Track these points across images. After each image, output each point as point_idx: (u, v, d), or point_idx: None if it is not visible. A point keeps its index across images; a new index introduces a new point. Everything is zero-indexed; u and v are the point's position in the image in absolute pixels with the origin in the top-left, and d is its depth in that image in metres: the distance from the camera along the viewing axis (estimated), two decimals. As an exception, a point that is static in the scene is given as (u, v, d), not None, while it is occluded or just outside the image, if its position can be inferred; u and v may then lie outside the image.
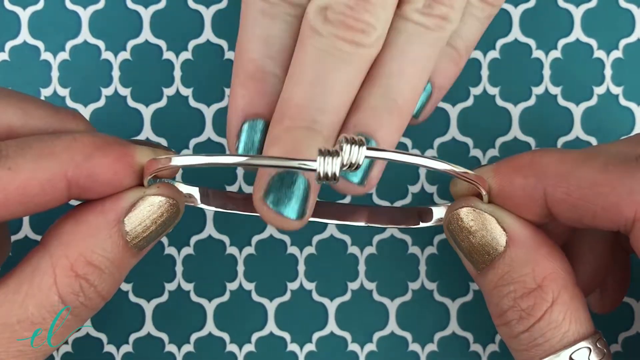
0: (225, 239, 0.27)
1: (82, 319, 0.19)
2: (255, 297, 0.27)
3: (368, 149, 0.18)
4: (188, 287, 0.27)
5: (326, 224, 0.27)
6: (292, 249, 0.27)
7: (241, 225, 0.27)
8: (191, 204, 0.22)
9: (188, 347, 0.27)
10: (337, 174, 0.18)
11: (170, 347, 0.27)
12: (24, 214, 0.19)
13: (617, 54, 0.27)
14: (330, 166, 0.17)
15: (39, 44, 0.28)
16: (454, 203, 0.21)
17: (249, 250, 0.27)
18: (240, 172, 0.27)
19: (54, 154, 0.18)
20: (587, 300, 0.25)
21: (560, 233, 0.23)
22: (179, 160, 0.19)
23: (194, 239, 0.27)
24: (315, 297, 0.27)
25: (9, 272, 0.19)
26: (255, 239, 0.27)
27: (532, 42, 0.28)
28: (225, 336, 0.27)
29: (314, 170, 0.18)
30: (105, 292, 0.19)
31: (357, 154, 0.18)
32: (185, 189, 0.22)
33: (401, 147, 0.27)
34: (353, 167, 0.18)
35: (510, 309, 0.20)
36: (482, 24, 0.23)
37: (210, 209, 0.23)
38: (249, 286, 0.27)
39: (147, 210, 0.20)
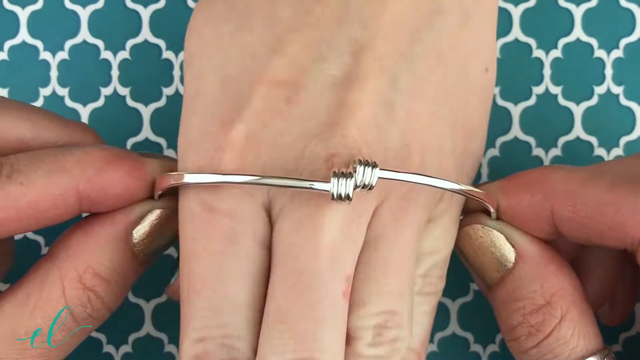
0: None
1: (86, 331, 0.20)
2: (254, 297, 0.27)
3: (381, 169, 0.18)
4: (187, 287, 0.27)
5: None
6: (292, 249, 0.27)
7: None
8: None
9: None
10: (351, 194, 0.18)
11: (170, 347, 0.27)
12: (35, 228, 0.19)
13: (617, 53, 0.27)
14: (344, 187, 0.18)
15: (38, 44, 0.28)
16: (463, 219, 0.21)
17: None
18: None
19: (65, 169, 0.19)
20: (596, 312, 0.26)
21: (569, 249, 0.23)
22: (191, 178, 0.19)
23: (193, 239, 0.27)
24: (315, 297, 0.27)
25: (16, 283, 0.19)
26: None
27: (532, 42, 0.27)
28: (225, 336, 0.27)
29: (328, 191, 0.18)
30: (111, 303, 0.20)
31: (371, 176, 0.18)
32: None
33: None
34: (366, 188, 0.18)
35: (519, 325, 0.20)
36: (431, 314, 0.22)
37: None
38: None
39: (156, 223, 0.20)
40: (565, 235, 0.20)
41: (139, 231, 0.20)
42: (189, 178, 0.19)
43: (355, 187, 0.18)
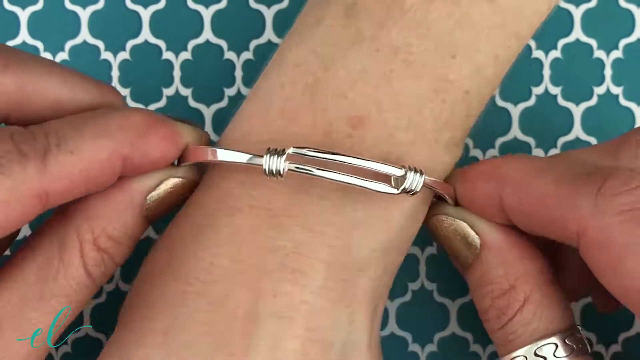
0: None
1: (99, 287, 0.20)
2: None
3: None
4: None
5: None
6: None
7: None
8: None
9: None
10: (282, 171, 0.19)
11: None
12: (81, 195, 0.19)
13: (617, 54, 0.27)
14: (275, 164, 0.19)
15: (38, 44, 0.28)
16: (430, 208, 0.22)
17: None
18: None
19: (109, 134, 0.19)
20: (592, 300, 0.25)
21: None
22: (224, 155, 0.20)
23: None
24: (315, 297, 0.27)
25: (28, 242, 0.20)
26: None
27: (532, 42, 0.28)
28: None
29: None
30: (121, 261, 0.21)
31: (417, 181, 0.19)
32: None
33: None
34: (410, 192, 0.20)
35: (489, 308, 0.21)
36: None
37: None
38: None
39: (170, 190, 0.20)
40: (515, 224, 0.21)
41: (153, 197, 0.20)
42: (222, 156, 0.20)
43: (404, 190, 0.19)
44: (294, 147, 0.19)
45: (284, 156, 0.19)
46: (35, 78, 0.20)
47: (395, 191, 0.20)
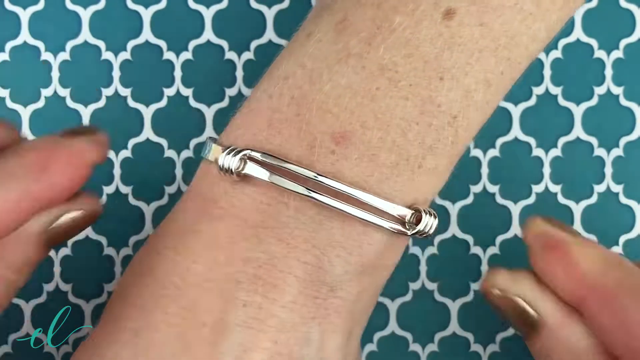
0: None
1: (4, 307, 0.20)
2: (255, 297, 0.27)
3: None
4: (188, 287, 0.27)
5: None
6: (293, 249, 0.27)
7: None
8: None
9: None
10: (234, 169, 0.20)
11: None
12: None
13: (617, 54, 0.27)
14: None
15: (39, 44, 0.28)
16: (486, 276, 0.21)
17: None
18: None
19: (13, 175, 0.18)
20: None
21: None
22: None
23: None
24: (316, 297, 0.27)
25: None
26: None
27: (532, 42, 0.28)
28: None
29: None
30: (21, 284, 0.20)
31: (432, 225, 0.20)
32: None
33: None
34: (423, 235, 0.20)
35: None
36: None
37: None
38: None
39: (68, 225, 0.20)
40: (588, 324, 0.20)
41: (53, 229, 0.20)
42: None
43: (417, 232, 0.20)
44: (249, 150, 0.19)
45: (239, 155, 0.19)
46: None
47: (407, 232, 0.20)
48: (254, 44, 0.28)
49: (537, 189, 0.27)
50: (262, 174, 0.19)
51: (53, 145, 0.19)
